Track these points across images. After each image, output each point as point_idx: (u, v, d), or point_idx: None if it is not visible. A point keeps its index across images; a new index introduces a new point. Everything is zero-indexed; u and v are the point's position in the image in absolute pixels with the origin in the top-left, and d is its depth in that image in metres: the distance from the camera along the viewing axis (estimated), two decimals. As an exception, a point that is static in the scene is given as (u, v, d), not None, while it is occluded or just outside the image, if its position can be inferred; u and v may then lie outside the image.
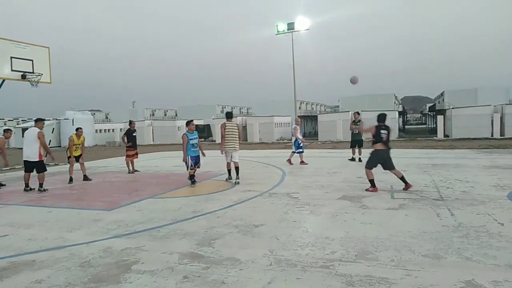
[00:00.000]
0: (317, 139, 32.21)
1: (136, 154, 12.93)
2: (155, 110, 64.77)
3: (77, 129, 11.24)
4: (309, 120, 51.48)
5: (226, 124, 9.57)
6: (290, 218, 5.97)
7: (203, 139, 38.14)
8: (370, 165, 7.98)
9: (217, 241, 4.92)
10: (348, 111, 32.65)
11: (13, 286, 3.80)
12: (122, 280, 3.83)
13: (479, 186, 8.00)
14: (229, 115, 9.93)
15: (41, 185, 9.41)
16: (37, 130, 9.37)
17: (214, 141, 35.54)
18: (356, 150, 13.58)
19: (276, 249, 4.54)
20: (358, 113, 14.31)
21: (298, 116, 30.95)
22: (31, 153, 9.31)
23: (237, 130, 9.66)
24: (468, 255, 4.13)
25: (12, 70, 11.90)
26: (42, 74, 12.72)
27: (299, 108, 42.90)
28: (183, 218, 6.19)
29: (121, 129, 41.33)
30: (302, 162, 13.05)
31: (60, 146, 32.82)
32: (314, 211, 6.42)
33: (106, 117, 65.46)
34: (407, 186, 7.89)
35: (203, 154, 9.59)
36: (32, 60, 12.47)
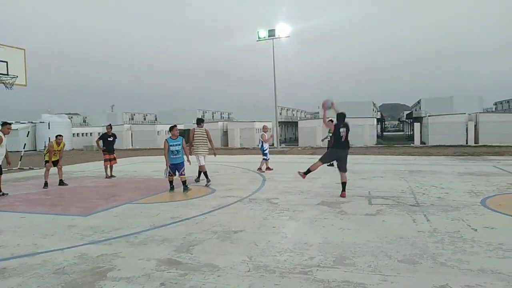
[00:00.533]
0: (297, 145, 32.42)
1: (114, 159, 12.69)
2: (134, 114, 63.86)
3: (57, 136, 10.97)
4: (289, 126, 51.79)
5: (196, 130, 10.25)
6: (270, 224, 5.97)
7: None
8: (323, 159, 8.34)
9: (196, 248, 4.87)
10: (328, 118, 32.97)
11: (-18, 295, 3.67)
12: (97, 287, 3.74)
13: (453, 193, 8.20)
14: (199, 121, 10.63)
15: None
16: None
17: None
18: None
19: (255, 255, 4.52)
20: (332, 121, 14.59)
21: (279, 122, 31.13)
22: None
23: (206, 135, 10.28)
24: (442, 260, 4.22)
25: (-15, 71, 11.59)
26: (17, 76, 12.42)
27: (280, 114, 43.14)
28: (162, 224, 6.11)
29: (99, 133, 40.61)
30: (259, 168, 13.03)
31: (35, 150, 31.98)
32: (293, 216, 6.44)
33: (84, 121, 64.18)
34: (343, 193, 8.02)
35: (188, 161, 9.19)
36: (6, 62, 12.16)
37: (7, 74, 12.12)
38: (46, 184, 10.53)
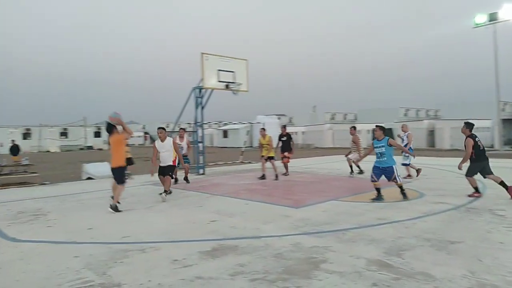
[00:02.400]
0: (528, 148, 26.83)
1: (286, 157, 13.09)
2: (335, 114, 65.68)
3: (260, 130, 12.51)
4: (515, 125, 43.29)
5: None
6: (495, 239, 5.18)
7: (384, 144, 36.57)
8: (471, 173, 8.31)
9: (407, 253, 4.67)
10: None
11: (223, 265, 4.46)
12: (312, 276, 4.04)
13: None
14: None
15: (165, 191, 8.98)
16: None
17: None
18: None
19: (479, 271, 4.01)
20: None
21: (502, 120, 26.59)
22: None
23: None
24: None
25: (218, 81, 13.96)
26: (241, 84, 14.50)
27: (503, 110, 36.60)
28: (368, 224, 6.11)
29: (303, 132, 43.54)
30: (408, 175, 11.30)
31: (251, 147, 36.73)
32: (528, 233, 5.39)
33: (290, 121, 69.88)
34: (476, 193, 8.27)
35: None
36: (233, 72, 14.34)
37: (234, 83, 14.30)
38: (263, 176, 11.98)
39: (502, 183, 7.99)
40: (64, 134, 48.97)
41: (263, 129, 12.62)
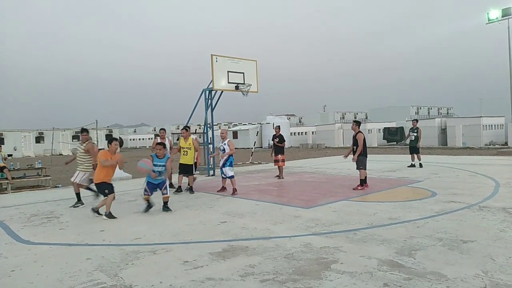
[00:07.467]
0: (543, 145, 26.32)
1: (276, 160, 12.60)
2: (345, 113, 65.39)
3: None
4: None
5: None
6: (509, 238, 5.10)
7: (395, 143, 36.26)
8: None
9: (419, 252, 4.62)
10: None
11: (234, 266, 4.46)
12: (323, 276, 4.02)
13: None
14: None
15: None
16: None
17: (407, 145, 33.38)
18: (415, 156, 14.29)
19: (492, 271, 3.95)
20: (417, 120, 15.38)
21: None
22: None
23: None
24: None
25: (228, 83, 13.97)
26: (251, 85, 14.49)
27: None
28: (380, 224, 6.06)
29: (313, 132, 43.39)
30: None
31: (261, 147, 36.71)
32: (543, 232, 5.30)
33: (300, 121, 69.74)
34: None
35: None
36: (243, 73, 14.34)
37: (244, 83, 14.29)
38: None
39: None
40: (76, 137, 49.45)
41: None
